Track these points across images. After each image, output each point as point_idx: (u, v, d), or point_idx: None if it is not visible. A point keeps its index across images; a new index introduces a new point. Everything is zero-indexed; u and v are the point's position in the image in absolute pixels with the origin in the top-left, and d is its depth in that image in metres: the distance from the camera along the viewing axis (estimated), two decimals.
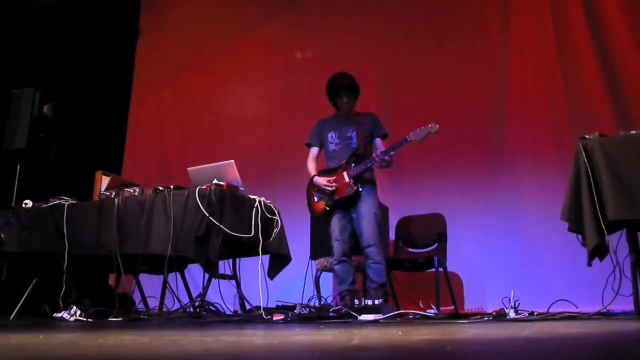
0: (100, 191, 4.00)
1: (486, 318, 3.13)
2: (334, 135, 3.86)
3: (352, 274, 3.70)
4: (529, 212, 4.57)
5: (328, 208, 3.73)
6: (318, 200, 3.79)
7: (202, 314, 3.35)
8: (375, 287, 3.54)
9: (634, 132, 3.06)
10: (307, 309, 3.52)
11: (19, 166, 4.46)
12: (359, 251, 3.82)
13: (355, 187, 3.66)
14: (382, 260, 3.62)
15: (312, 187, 3.84)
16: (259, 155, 5.79)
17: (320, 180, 3.76)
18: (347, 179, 3.68)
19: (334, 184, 3.70)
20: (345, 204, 3.71)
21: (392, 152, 3.64)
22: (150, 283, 4.58)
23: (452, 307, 4.15)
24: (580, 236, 3.09)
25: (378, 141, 3.83)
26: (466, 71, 5.16)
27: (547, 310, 3.20)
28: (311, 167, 3.91)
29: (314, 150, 3.96)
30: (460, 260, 4.44)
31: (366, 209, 3.65)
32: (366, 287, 3.67)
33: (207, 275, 3.52)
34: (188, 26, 6.66)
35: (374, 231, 3.62)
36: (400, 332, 2.14)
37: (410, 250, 4.42)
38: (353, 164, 3.70)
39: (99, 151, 5.71)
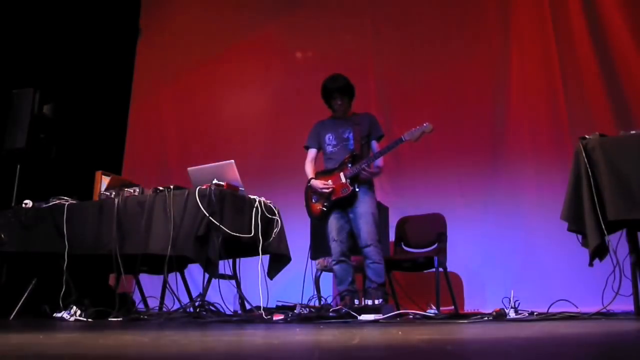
0: (100, 191, 4.00)
1: (486, 318, 3.13)
2: (331, 137, 3.87)
3: (351, 274, 3.69)
4: (529, 212, 4.57)
5: (325, 209, 3.74)
6: (315, 202, 3.80)
7: (202, 314, 3.35)
8: (375, 287, 3.54)
9: (634, 132, 3.05)
10: (307, 309, 3.52)
11: (19, 166, 4.46)
12: (357, 251, 3.83)
13: (351, 188, 3.66)
14: (380, 259, 3.61)
15: (310, 189, 3.85)
16: (259, 155, 5.79)
17: (317, 184, 3.77)
18: (343, 180, 3.69)
19: (330, 185, 3.72)
20: (342, 204, 3.72)
21: (378, 164, 3.68)
22: (150, 283, 4.58)
23: (452, 307, 4.15)
24: (580, 236, 3.09)
25: (374, 143, 3.83)
26: (466, 71, 5.16)
27: (547, 310, 3.19)
28: (308, 169, 3.92)
29: (312, 153, 3.97)
30: (460, 260, 4.44)
31: (363, 209, 3.65)
32: (366, 287, 3.67)
33: (207, 275, 3.52)
34: (188, 26, 6.66)
35: (371, 231, 3.62)
36: (400, 332, 2.14)
37: (410, 250, 4.41)
38: (349, 165, 3.71)
39: (99, 151, 5.71)
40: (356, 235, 3.67)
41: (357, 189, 3.68)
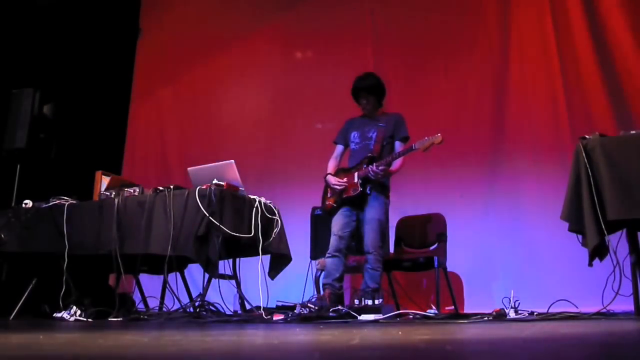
0: (100, 191, 4.00)
1: (486, 318, 3.13)
2: (356, 135, 3.89)
3: (340, 271, 3.65)
4: (529, 212, 4.57)
5: (335, 205, 3.77)
6: (330, 197, 3.84)
7: (202, 314, 3.35)
8: (369, 290, 3.56)
9: (634, 132, 3.05)
10: (307, 309, 3.51)
11: (19, 166, 4.46)
12: (357, 251, 3.83)
13: (360, 189, 3.67)
14: (379, 267, 3.64)
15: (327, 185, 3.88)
16: (259, 155, 5.79)
17: (331, 180, 3.82)
18: (356, 179, 3.70)
19: (344, 183, 3.74)
20: (353, 203, 3.73)
21: (393, 167, 3.67)
22: (150, 283, 4.58)
23: (452, 307, 4.15)
24: (580, 236, 3.09)
25: (397, 144, 3.81)
26: (466, 71, 5.16)
27: (547, 310, 3.19)
28: (330, 164, 3.96)
29: (338, 149, 4.01)
30: (460, 260, 4.44)
31: (370, 215, 3.66)
32: (362, 288, 3.68)
33: (207, 275, 3.52)
34: (188, 26, 6.65)
35: (375, 238, 3.63)
36: (400, 332, 2.14)
37: (410, 250, 4.41)
38: (365, 165, 3.71)
39: (99, 151, 5.70)
40: (362, 238, 3.69)
41: (368, 192, 3.68)
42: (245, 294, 3.75)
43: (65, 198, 3.98)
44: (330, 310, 3.37)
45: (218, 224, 3.38)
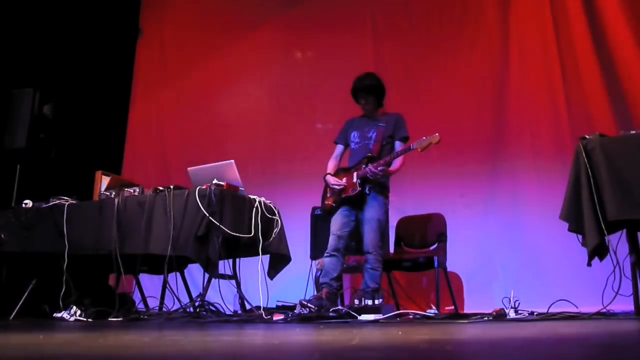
0: (100, 191, 4.00)
1: (486, 318, 3.13)
2: (356, 135, 3.90)
3: (338, 270, 3.65)
4: (529, 212, 4.57)
5: (334, 205, 3.77)
6: (329, 197, 3.84)
7: (202, 314, 3.35)
8: (369, 290, 3.56)
9: (634, 132, 3.05)
10: (307, 309, 3.51)
11: (19, 166, 4.46)
12: (357, 251, 3.83)
13: (359, 189, 3.66)
14: (379, 267, 3.64)
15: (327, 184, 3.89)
16: (259, 155, 5.79)
17: (330, 180, 3.82)
18: (355, 179, 3.70)
19: (342, 183, 3.73)
20: (352, 203, 3.72)
21: (393, 167, 3.68)
22: (150, 283, 4.58)
23: (452, 307, 4.15)
24: (580, 236, 3.09)
25: (397, 144, 3.81)
26: (466, 71, 5.16)
27: (547, 310, 3.19)
28: (330, 164, 3.96)
29: (338, 149, 4.01)
30: (460, 260, 4.44)
31: (370, 215, 3.66)
32: (362, 288, 3.68)
33: (207, 275, 3.52)
34: (188, 26, 6.65)
35: (375, 238, 3.63)
36: (400, 332, 2.14)
37: (411, 250, 4.41)
38: (364, 165, 3.71)
39: (99, 151, 5.70)
40: (361, 238, 3.69)
41: (367, 192, 3.68)
42: (245, 294, 3.75)
43: (65, 198, 3.98)
44: (331, 310, 3.37)
45: (218, 224, 3.38)
